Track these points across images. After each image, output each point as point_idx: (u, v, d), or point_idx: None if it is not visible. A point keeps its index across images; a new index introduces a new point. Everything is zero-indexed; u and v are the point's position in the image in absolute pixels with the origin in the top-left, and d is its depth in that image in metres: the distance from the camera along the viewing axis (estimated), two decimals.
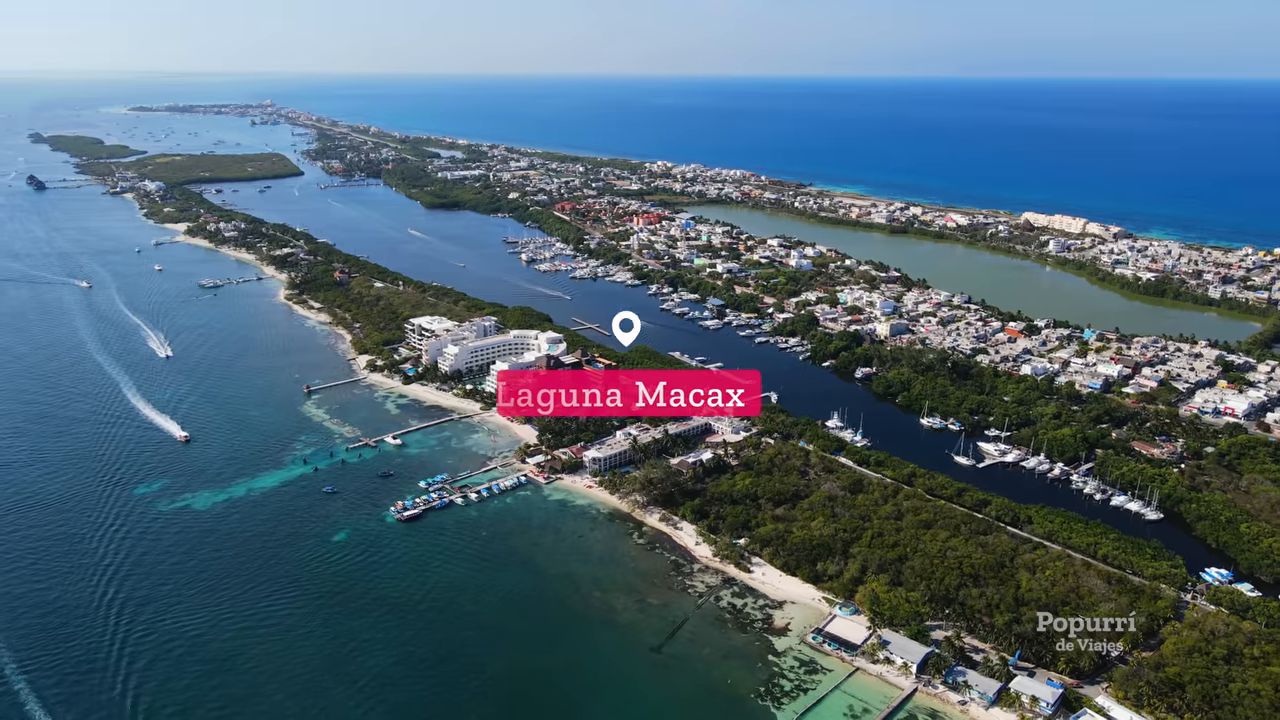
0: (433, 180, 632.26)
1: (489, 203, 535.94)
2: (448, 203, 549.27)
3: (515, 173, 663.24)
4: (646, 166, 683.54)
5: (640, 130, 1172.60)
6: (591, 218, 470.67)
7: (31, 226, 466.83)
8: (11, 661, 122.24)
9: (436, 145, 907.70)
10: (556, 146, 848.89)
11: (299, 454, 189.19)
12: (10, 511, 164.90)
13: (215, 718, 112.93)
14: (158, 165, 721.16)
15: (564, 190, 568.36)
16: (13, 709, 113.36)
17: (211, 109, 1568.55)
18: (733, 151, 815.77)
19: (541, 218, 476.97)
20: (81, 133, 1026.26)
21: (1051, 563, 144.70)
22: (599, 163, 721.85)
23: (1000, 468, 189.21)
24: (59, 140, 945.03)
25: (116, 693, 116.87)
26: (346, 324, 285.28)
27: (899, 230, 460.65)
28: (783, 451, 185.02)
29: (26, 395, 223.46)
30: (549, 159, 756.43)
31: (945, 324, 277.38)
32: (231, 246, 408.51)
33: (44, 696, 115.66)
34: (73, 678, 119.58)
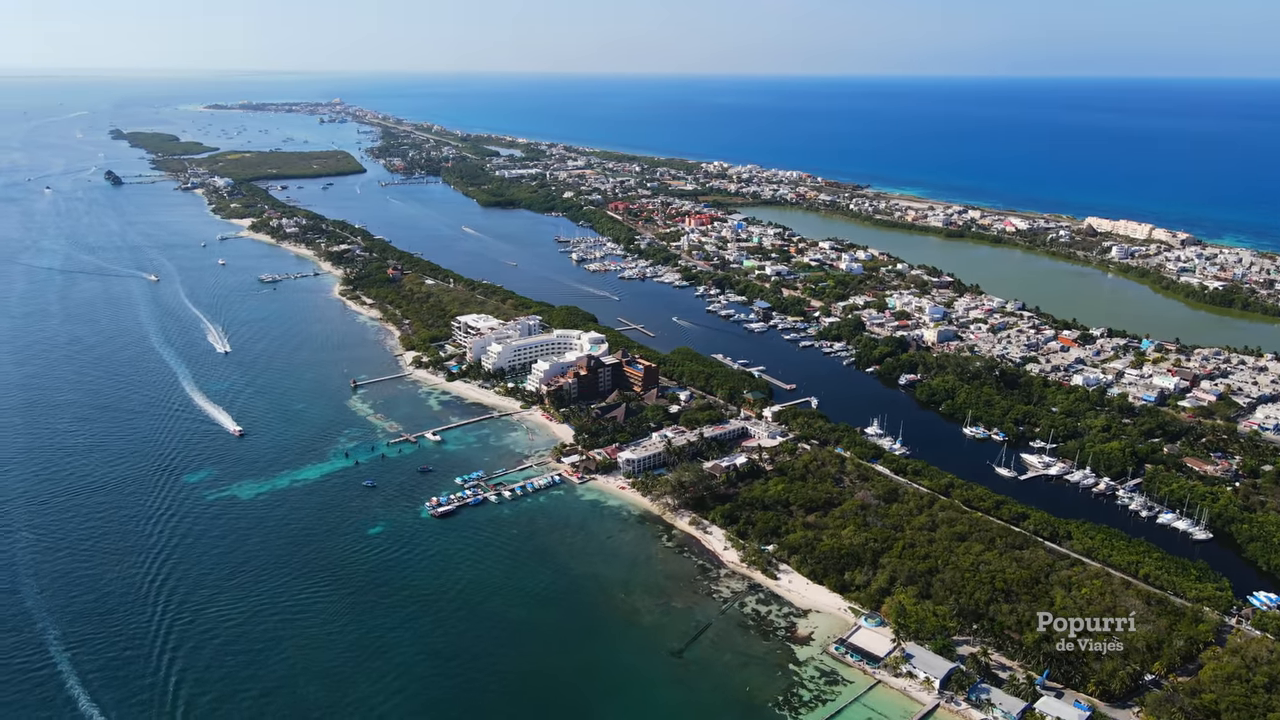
0: (490, 179, 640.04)
1: (544, 201, 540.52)
2: (503, 201, 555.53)
3: (572, 172, 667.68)
4: (703, 167, 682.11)
5: (699, 130, 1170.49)
6: (644, 218, 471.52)
7: (106, 220, 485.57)
8: (58, 640, 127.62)
9: (497, 144, 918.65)
10: (615, 146, 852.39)
11: (341, 448, 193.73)
12: (70, 494, 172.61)
13: (249, 707, 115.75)
14: (228, 162, 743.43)
15: (618, 190, 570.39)
16: (56, 687, 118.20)
17: (283, 107, 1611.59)
18: (790, 152, 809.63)
19: (594, 217, 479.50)
20: (159, 130, 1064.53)
21: (1088, 580, 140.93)
22: (655, 162, 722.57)
23: (1043, 480, 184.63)
24: (137, 137, 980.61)
25: (160, 675, 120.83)
26: (396, 320, 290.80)
27: (956, 234, 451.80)
28: (818, 458, 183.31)
29: (92, 384, 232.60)
30: (606, 158, 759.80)
31: (996, 331, 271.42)
32: (292, 242, 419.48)
33: (86, 676, 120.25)
34: (116, 659, 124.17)
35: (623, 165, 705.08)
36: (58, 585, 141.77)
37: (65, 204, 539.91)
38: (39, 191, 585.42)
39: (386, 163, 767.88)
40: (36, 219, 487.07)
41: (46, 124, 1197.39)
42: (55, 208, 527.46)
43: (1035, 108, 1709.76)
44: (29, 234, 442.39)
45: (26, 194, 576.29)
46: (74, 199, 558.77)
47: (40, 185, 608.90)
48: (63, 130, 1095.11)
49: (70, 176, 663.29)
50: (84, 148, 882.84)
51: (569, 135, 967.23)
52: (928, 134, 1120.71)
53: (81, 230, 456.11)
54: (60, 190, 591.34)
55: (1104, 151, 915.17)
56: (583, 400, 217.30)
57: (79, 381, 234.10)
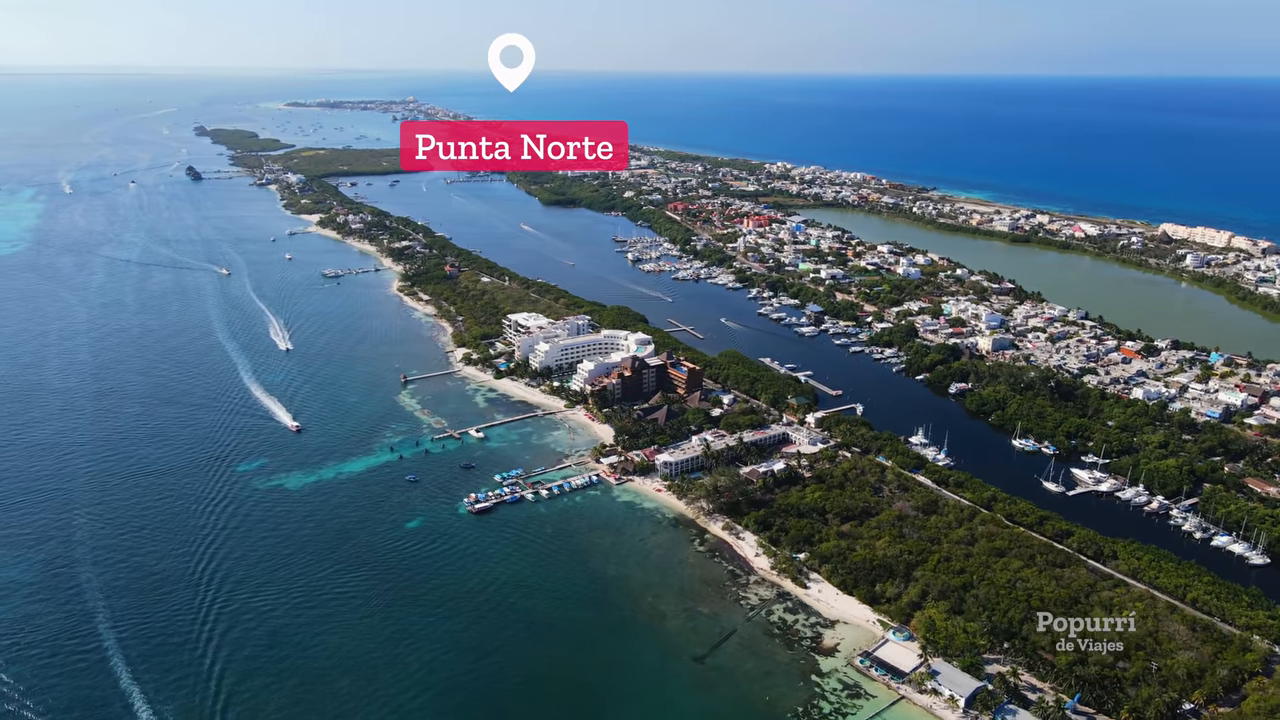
0: (553, 177, 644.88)
1: (604, 200, 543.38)
2: (564, 200, 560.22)
3: (634, 171, 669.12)
4: (765, 168, 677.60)
5: (763, 130, 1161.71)
6: (702, 218, 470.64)
7: (184, 214, 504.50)
8: (107, 617, 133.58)
9: None
10: (679, 145, 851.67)
11: (388, 442, 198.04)
12: (129, 477, 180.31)
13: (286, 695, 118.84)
14: (302, 159, 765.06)
15: (679, 190, 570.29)
16: (100, 663, 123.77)
17: (358, 105, 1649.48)
18: (853, 152, 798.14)
19: (653, 217, 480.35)
20: (240, 127, 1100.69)
21: (1131, 602, 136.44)
22: (718, 163, 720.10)
23: (1093, 497, 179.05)
24: (219, 133, 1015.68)
25: (203, 661, 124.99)
26: (450, 317, 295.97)
27: (1021, 239, 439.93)
28: (858, 466, 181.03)
29: (157, 373, 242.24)
30: (669, 158, 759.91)
31: (1054, 340, 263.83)
32: (356, 238, 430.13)
33: (130, 655, 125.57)
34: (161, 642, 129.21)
35: (686, 165, 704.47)
36: (111, 564, 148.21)
37: (147, 198, 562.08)
38: (124, 186, 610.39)
39: None
40: (119, 213, 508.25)
41: (136, 120, 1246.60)
42: (138, 202, 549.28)
43: (1112, 108, 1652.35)
44: (111, 227, 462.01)
45: (112, 188, 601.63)
46: (156, 193, 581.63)
47: (126, 180, 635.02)
48: (151, 127, 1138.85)
49: (154, 172, 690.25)
50: (169, 144, 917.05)
51: (633, 134, 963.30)
52: (997, 135, 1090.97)
53: (160, 224, 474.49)
54: (144, 185, 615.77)
55: (1184, 154, 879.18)
56: (626, 401, 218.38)
57: (146, 370, 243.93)
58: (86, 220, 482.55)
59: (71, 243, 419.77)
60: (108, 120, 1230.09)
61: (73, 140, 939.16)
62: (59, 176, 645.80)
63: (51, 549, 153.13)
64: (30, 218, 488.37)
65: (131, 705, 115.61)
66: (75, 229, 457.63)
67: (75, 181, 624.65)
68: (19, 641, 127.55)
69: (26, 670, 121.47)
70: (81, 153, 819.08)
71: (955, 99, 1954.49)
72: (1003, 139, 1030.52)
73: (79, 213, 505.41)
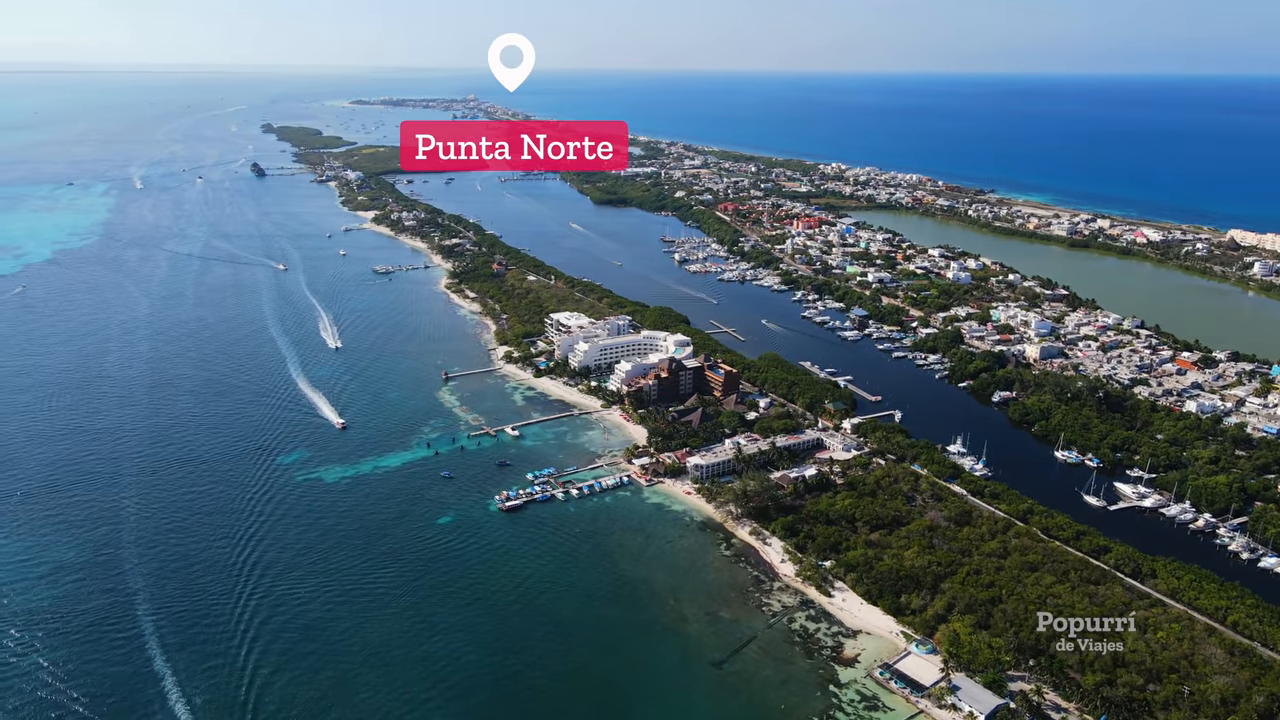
0: (606, 176, 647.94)
1: (655, 200, 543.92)
2: (615, 199, 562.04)
3: (687, 171, 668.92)
4: (819, 168, 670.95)
5: (819, 129, 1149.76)
6: (752, 219, 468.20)
7: (246, 210, 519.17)
8: (146, 601, 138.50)
9: None
10: (733, 145, 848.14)
11: (425, 438, 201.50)
12: (176, 465, 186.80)
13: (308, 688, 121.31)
14: (362, 156, 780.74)
15: (730, 190, 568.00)
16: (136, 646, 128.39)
17: (420, 103, 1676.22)
18: (911, 153, 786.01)
19: (702, 217, 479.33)
20: (305, 124, 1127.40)
21: (1167, 623, 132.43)
22: (772, 163, 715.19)
23: (1135, 512, 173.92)
24: (285, 131, 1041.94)
25: (241, 652, 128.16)
26: (495, 315, 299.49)
27: (1080, 244, 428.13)
28: (891, 474, 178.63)
29: (210, 365, 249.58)
30: (724, 158, 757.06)
31: (1106, 350, 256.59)
32: (408, 235, 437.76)
33: (165, 640, 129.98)
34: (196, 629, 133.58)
35: (739, 165, 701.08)
36: (154, 549, 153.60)
37: (213, 194, 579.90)
38: (191, 182, 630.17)
39: None
40: (185, 208, 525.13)
41: (207, 118, 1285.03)
42: (203, 197, 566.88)
43: (1183, 109, 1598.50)
44: (177, 222, 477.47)
45: (180, 184, 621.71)
46: (221, 189, 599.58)
47: (193, 176, 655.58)
48: (220, 124, 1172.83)
49: (221, 168, 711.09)
50: (237, 141, 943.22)
51: (688, 134, 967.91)
52: (1061, 136, 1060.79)
53: (223, 219, 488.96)
54: (210, 181, 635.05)
55: (1255, 156, 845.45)
56: (662, 402, 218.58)
57: (200, 363, 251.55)
58: (154, 215, 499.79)
59: (138, 236, 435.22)
60: (180, 117, 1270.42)
61: (146, 137, 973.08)
62: (131, 172, 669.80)
63: (101, 533, 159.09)
64: (102, 212, 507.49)
65: (164, 689, 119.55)
66: (143, 223, 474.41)
67: (146, 177, 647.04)
68: (63, 623, 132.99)
69: (67, 652, 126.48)
70: (154, 149, 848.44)
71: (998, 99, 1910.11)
72: (1069, 141, 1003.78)
73: (147, 207, 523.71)
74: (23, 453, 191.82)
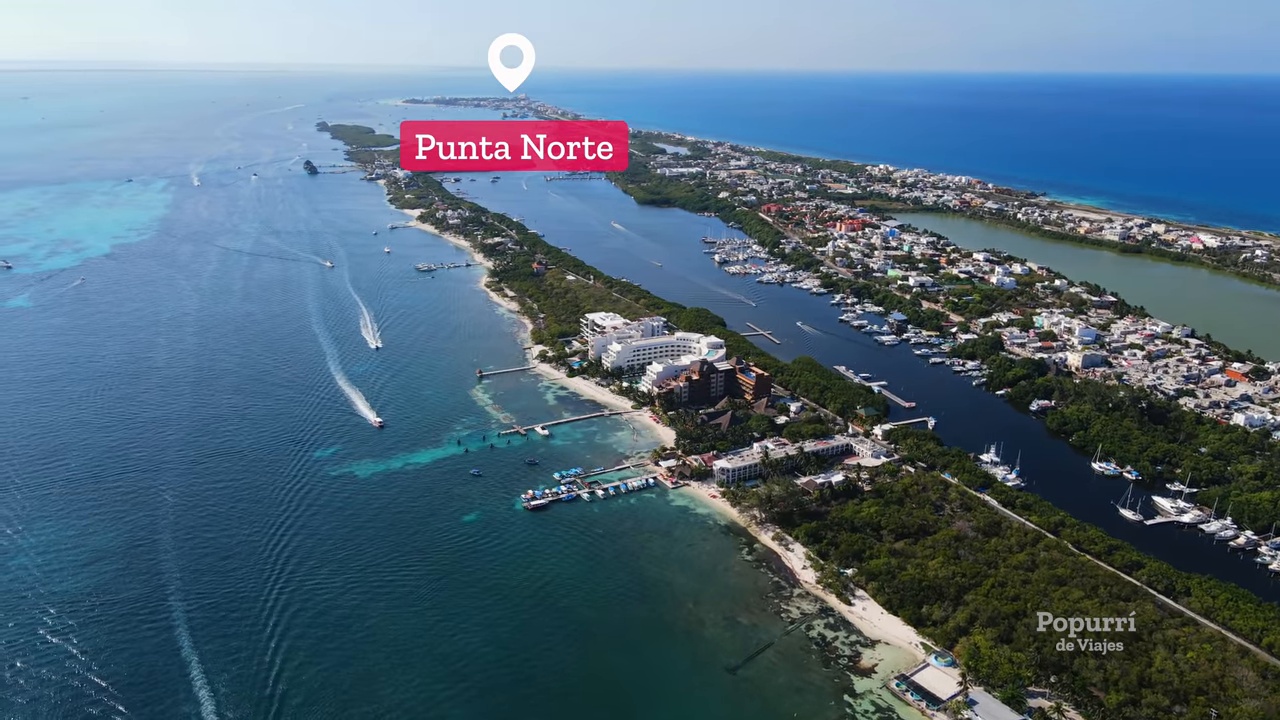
0: (650, 176, 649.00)
1: (699, 201, 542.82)
2: (659, 199, 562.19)
3: (733, 171, 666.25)
4: (867, 170, 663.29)
5: (869, 130, 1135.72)
6: (794, 221, 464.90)
7: (297, 207, 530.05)
8: (179, 589, 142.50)
9: (665, 141, 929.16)
10: (781, 146, 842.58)
11: (455, 435, 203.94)
12: (215, 456, 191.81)
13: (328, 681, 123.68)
14: None
15: (774, 192, 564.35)
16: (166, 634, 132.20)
17: (471, 101, 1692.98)
18: (961, 154, 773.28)
19: (745, 219, 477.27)
20: (358, 123, 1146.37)
21: (1199, 644, 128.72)
22: (819, 164, 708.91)
23: (1173, 528, 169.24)
24: (339, 129, 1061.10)
25: (271, 643, 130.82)
26: (532, 314, 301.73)
27: (1133, 249, 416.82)
28: (920, 482, 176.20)
29: (252, 359, 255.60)
30: (770, 158, 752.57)
31: (1152, 359, 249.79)
32: (452, 233, 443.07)
33: (195, 628, 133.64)
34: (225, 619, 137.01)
35: (786, 166, 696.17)
36: (189, 538, 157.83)
37: (266, 191, 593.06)
38: (246, 179, 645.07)
39: None
40: (239, 204, 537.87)
41: (265, 116, 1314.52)
42: (257, 194, 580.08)
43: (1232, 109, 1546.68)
44: (230, 218, 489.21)
45: (235, 181, 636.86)
46: (274, 186, 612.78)
47: (248, 173, 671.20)
48: (277, 122, 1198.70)
49: (275, 165, 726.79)
50: (292, 139, 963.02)
51: (737, 134, 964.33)
52: (1119, 137, 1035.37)
53: (274, 216, 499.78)
54: (264, 178, 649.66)
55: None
56: (693, 405, 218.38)
57: (244, 357, 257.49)
58: (209, 211, 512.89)
59: (192, 232, 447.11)
60: (239, 116, 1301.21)
61: (205, 135, 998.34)
62: (189, 169, 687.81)
63: (139, 521, 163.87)
64: (159, 208, 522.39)
65: (190, 676, 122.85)
66: (197, 219, 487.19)
67: (203, 174, 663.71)
68: (97, 609, 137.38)
69: (99, 637, 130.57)
70: (212, 146, 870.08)
71: (1081, 99, 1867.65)
72: (1126, 143, 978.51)
73: (203, 204, 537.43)
74: (72, 440, 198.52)
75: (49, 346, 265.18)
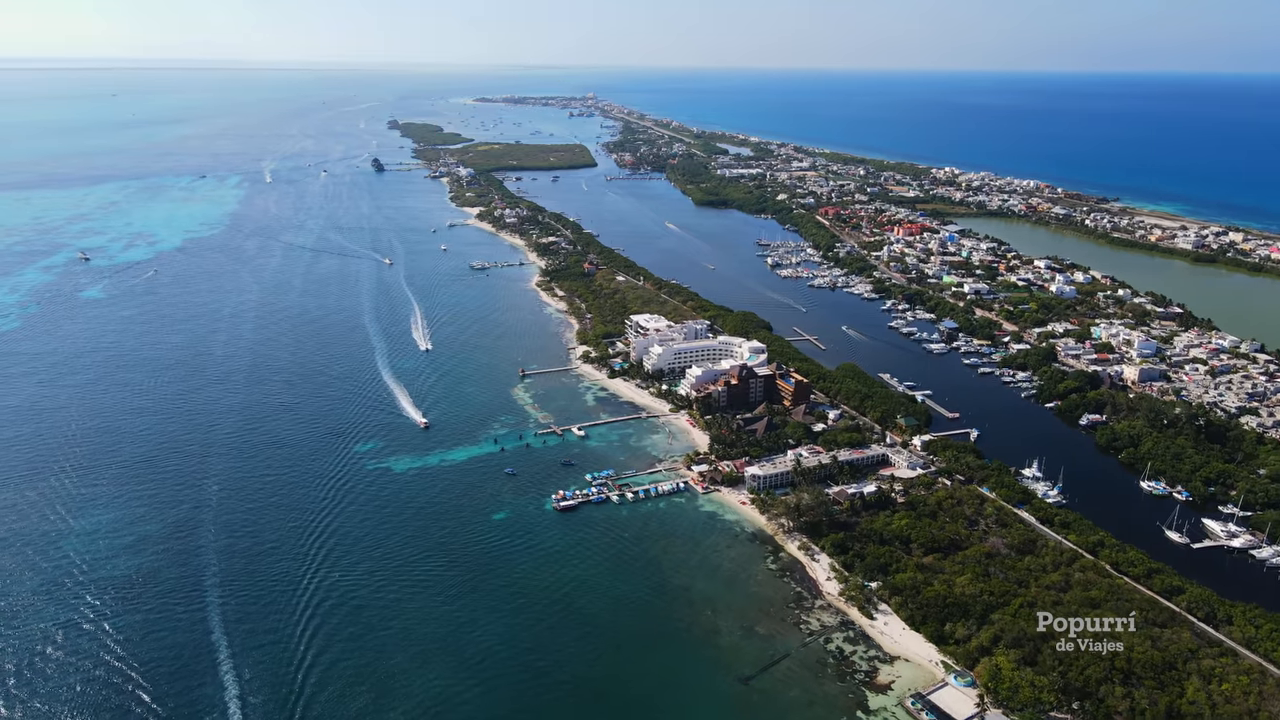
0: (710, 177, 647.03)
1: (756, 203, 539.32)
2: (717, 200, 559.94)
3: (793, 173, 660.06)
4: (931, 173, 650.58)
5: (939, 131, 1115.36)
6: (851, 224, 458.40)
7: (360, 204, 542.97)
8: (215, 574, 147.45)
9: (729, 141, 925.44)
10: (845, 148, 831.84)
11: (493, 433, 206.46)
12: (261, 446, 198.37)
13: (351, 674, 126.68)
14: (477, 153, 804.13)
15: (834, 194, 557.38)
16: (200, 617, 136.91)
17: (540, 101, 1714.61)
18: (1032, 157, 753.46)
19: (801, 221, 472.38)
20: (428, 121, 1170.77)
21: (1236, 675, 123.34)
22: (883, 166, 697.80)
23: (1221, 552, 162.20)
24: (409, 127, 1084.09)
25: (298, 631, 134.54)
26: (579, 314, 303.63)
27: (1206, 258, 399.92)
28: (955, 495, 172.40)
29: (305, 353, 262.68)
30: (833, 160, 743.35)
31: (1215, 374, 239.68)
32: (509, 232, 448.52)
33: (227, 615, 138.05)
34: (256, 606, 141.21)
35: (848, 169, 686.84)
36: (229, 527, 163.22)
37: (333, 187, 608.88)
38: (316, 176, 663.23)
39: (618, 158, 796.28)
40: (306, 200, 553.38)
41: (340, 114, 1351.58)
42: (325, 190, 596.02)
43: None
44: (296, 214, 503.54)
45: (305, 177, 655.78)
46: (341, 183, 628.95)
47: (318, 170, 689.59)
48: (350, 120, 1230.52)
49: (344, 163, 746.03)
50: (363, 136, 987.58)
51: (802, 135, 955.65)
52: (1201, 141, 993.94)
53: (339, 212, 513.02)
54: (333, 175, 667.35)
55: None
56: (731, 409, 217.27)
57: (296, 350, 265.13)
58: (277, 207, 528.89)
59: (260, 227, 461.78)
60: (314, 114, 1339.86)
61: (281, 132, 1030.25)
62: (263, 166, 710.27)
63: (185, 508, 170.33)
64: (232, 203, 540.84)
65: (217, 662, 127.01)
66: (266, 214, 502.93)
67: (276, 171, 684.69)
68: (136, 592, 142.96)
69: (135, 620, 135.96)
70: (287, 143, 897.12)
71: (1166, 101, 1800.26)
72: (1213, 146, 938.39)
73: (272, 200, 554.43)
74: (128, 428, 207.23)
75: (116, 337, 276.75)
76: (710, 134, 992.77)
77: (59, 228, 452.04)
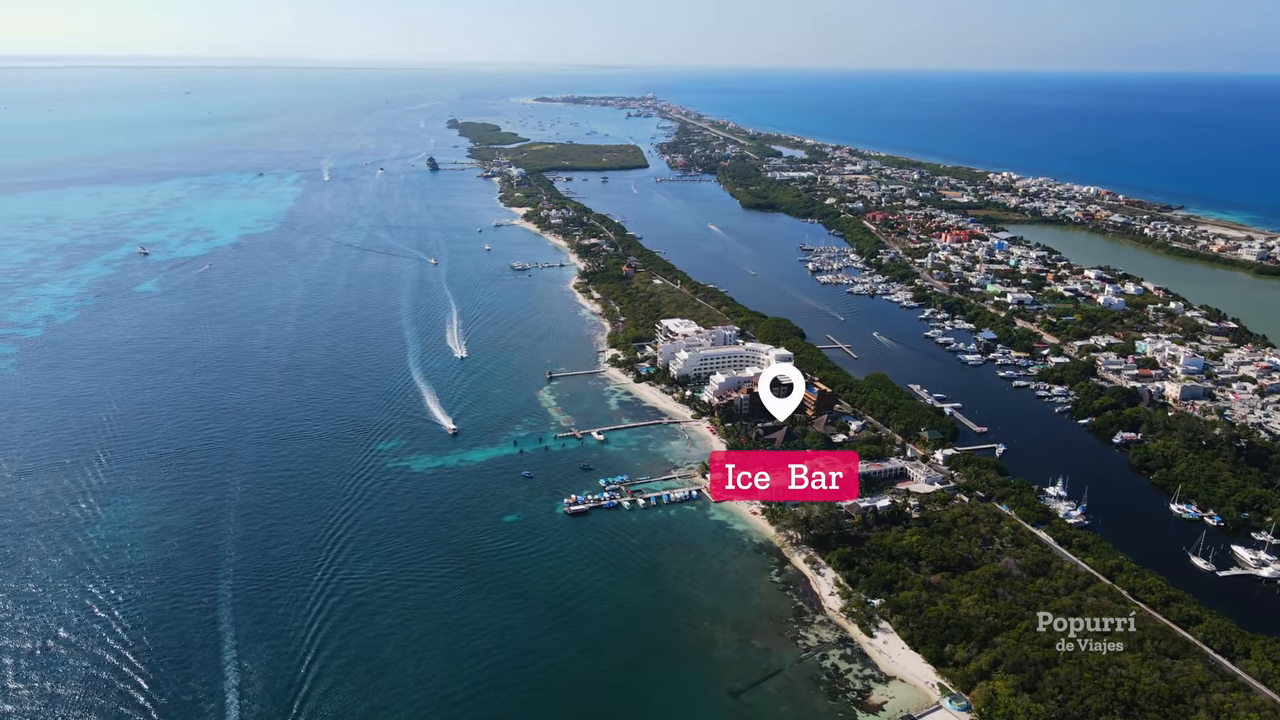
0: (760, 179, 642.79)
1: (804, 206, 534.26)
2: (764, 204, 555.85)
3: (845, 177, 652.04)
4: (988, 177, 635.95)
5: (997, 134, 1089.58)
6: (898, 230, 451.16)
7: (411, 203, 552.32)
8: (229, 566, 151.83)
9: (783, 143, 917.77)
10: (901, 150, 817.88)
11: (514, 435, 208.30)
12: (286, 442, 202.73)
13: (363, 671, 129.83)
14: (531, 152, 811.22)
15: (884, 199, 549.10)
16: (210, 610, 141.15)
17: (599, 100, 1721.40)
18: (1093, 161, 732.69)
19: (847, 226, 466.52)
20: (487, 120, 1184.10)
21: (1247, 711, 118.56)
22: (938, 170, 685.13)
23: (1249, 580, 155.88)
24: (467, 126, 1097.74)
25: (305, 626, 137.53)
26: (613, 317, 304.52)
27: (1270, 271, 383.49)
28: (970, 513, 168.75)
29: (338, 350, 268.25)
30: (888, 164, 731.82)
31: (1264, 393, 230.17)
32: (553, 233, 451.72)
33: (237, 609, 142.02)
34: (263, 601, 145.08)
35: (902, 173, 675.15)
36: (249, 521, 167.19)
37: (388, 186, 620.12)
38: (372, 174, 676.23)
39: (670, 159, 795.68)
40: (360, 199, 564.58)
41: (401, 113, 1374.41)
42: (379, 189, 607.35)
43: None
44: (349, 213, 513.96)
45: (361, 175, 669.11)
46: (395, 181, 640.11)
47: (375, 168, 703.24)
48: (411, 119, 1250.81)
49: (401, 161, 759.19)
50: (422, 135, 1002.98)
51: (858, 138, 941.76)
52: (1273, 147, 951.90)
53: (390, 211, 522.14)
54: (389, 173, 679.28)
55: None
56: (753, 417, 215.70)
57: (330, 346, 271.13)
58: (331, 205, 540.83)
59: (312, 225, 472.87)
60: (376, 112, 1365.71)
61: (342, 130, 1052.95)
62: (322, 164, 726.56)
63: (208, 501, 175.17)
64: (288, 200, 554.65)
65: (221, 654, 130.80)
66: (320, 212, 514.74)
67: (334, 169, 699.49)
68: (152, 583, 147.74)
69: (145, 610, 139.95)
70: (347, 142, 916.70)
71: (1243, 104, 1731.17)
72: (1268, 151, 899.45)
73: (328, 198, 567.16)
74: (163, 419, 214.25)
75: (165, 330, 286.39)
76: (765, 136, 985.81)
77: (124, 222, 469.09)
